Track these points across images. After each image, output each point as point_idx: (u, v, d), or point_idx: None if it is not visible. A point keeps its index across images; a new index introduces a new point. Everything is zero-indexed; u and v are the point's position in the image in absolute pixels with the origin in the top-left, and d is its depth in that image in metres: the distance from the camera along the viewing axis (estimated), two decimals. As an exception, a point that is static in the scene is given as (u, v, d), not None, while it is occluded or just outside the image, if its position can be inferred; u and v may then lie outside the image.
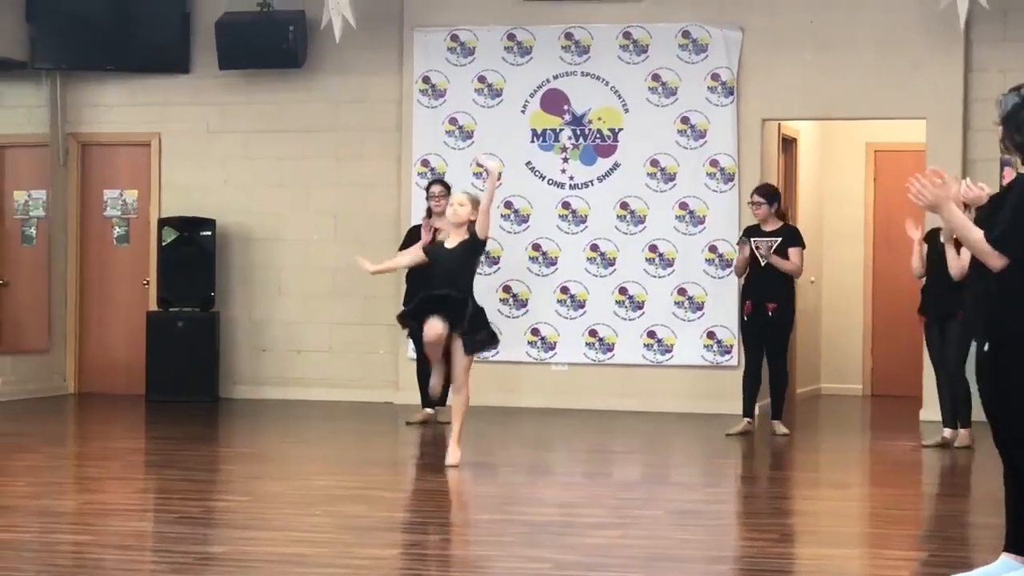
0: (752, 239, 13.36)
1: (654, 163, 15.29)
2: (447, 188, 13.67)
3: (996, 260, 6.85)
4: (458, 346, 10.95)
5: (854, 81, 14.87)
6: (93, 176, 16.89)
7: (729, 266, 14.67)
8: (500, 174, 11.84)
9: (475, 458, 12.68)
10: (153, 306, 16.25)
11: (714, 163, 15.12)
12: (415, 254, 11.57)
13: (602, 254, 15.35)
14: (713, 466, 12.08)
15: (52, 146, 16.64)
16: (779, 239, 13.30)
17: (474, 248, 11.08)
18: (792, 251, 13.32)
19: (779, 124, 15.71)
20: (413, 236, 13.85)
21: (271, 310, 16.23)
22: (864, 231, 17.39)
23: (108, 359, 16.78)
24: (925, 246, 12.63)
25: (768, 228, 13.36)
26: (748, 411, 13.40)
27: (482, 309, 11.14)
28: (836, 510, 10.00)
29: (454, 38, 15.72)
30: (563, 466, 12.24)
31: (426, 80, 15.77)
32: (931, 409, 13.60)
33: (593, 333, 15.32)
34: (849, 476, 11.70)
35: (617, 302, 15.30)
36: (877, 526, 9.42)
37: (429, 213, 13.87)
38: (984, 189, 7.54)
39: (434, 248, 11.38)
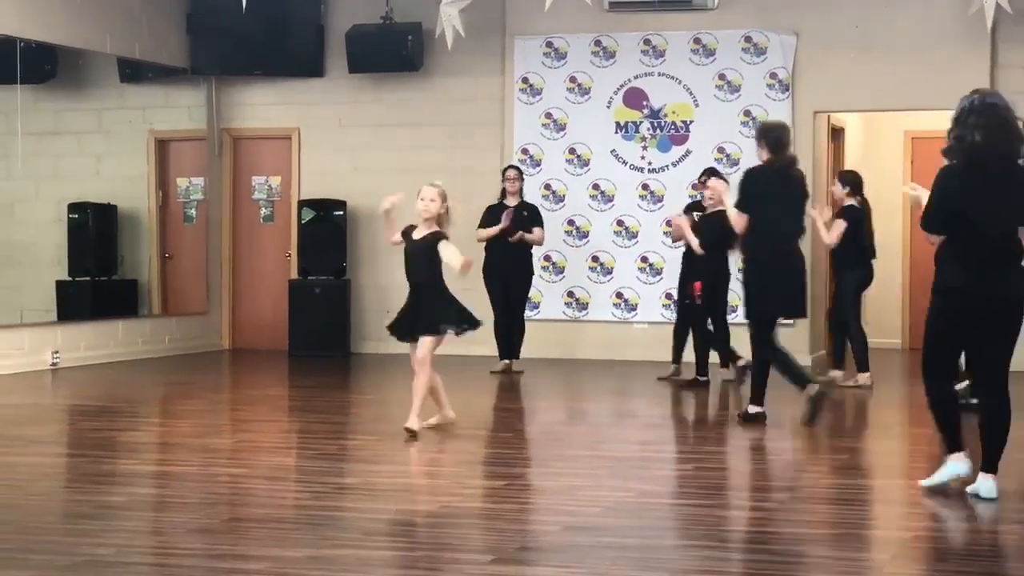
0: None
1: (720, 150, 15.22)
2: (520, 172, 14.32)
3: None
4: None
5: (894, 77, 14.73)
6: (243, 165, 17.02)
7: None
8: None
9: (568, 403, 12.74)
10: (294, 275, 16.37)
11: (773, 150, 14.99)
12: (398, 237, 10.54)
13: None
14: (776, 410, 12.01)
15: (208, 140, 16.77)
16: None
17: (434, 245, 10.02)
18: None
19: (828, 116, 15.57)
20: (493, 214, 13.98)
21: (393, 277, 16.09)
22: (903, 208, 17.19)
23: (256, 320, 16.92)
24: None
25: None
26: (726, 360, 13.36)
27: (445, 293, 10.27)
28: (880, 448, 9.95)
29: (549, 44, 15.69)
30: (644, 409, 12.23)
31: (525, 81, 15.76)
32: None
33: (669, 296, 15.26)
34: (892, 418, 11.62)
35: (689, 270, 15.23)
36: (916, 460, 9.34)
37: (504, 194, 14.08)
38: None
39: (407, 235, 10.33)
